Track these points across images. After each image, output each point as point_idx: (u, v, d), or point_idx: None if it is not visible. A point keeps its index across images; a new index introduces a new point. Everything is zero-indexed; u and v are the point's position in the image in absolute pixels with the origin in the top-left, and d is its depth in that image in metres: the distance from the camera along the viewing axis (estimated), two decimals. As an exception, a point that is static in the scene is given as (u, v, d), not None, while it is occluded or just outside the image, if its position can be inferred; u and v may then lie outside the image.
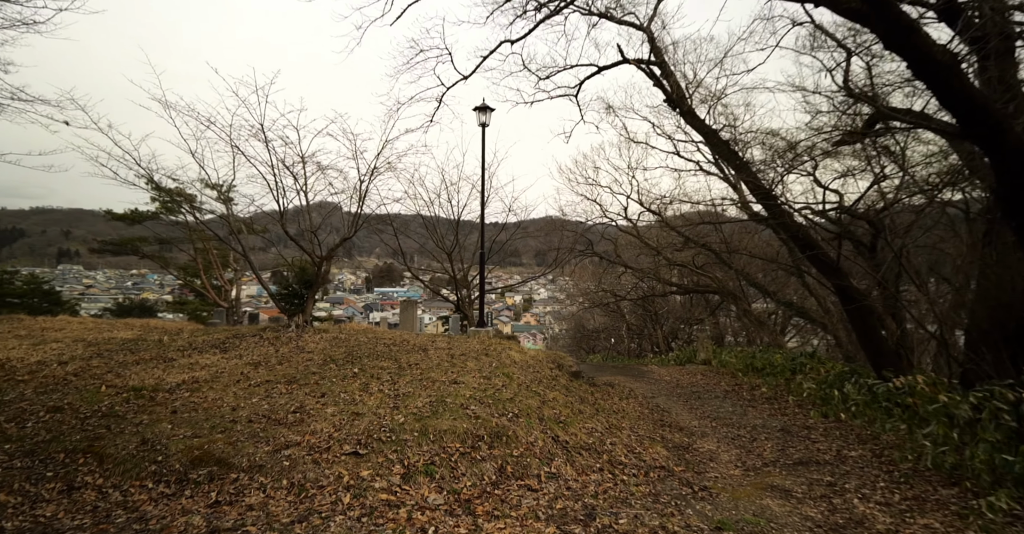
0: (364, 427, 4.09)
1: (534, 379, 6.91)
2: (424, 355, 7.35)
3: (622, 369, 14.69)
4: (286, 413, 4.34)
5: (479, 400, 5.09)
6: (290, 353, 6.77)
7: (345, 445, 3.77)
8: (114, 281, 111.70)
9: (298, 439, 3.79)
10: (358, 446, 3.80)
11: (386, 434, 4.02)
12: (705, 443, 6.72)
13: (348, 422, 4.20)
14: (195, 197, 13.48)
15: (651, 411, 8.69)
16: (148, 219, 19.38)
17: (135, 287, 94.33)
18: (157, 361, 5.89)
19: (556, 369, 9.54)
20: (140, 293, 64.53)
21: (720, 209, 13.76)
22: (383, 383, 5.59)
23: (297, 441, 3.75)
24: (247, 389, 4.95)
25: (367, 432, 4.01)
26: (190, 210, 11.76)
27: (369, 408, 4.61)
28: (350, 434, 3.96)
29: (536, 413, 5.19)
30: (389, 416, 4.39)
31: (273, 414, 4.30)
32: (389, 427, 4.14)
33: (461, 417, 4.53)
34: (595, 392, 9.10)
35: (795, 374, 10.22)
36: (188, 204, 13.00)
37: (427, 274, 16.33)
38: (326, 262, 8.57)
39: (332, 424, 4.13)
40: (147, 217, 19.61)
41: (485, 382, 5.88)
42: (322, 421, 4.20)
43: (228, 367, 5.83)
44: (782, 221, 7.94)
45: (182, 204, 15.06)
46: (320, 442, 3.79)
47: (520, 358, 8.15)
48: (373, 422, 4.22)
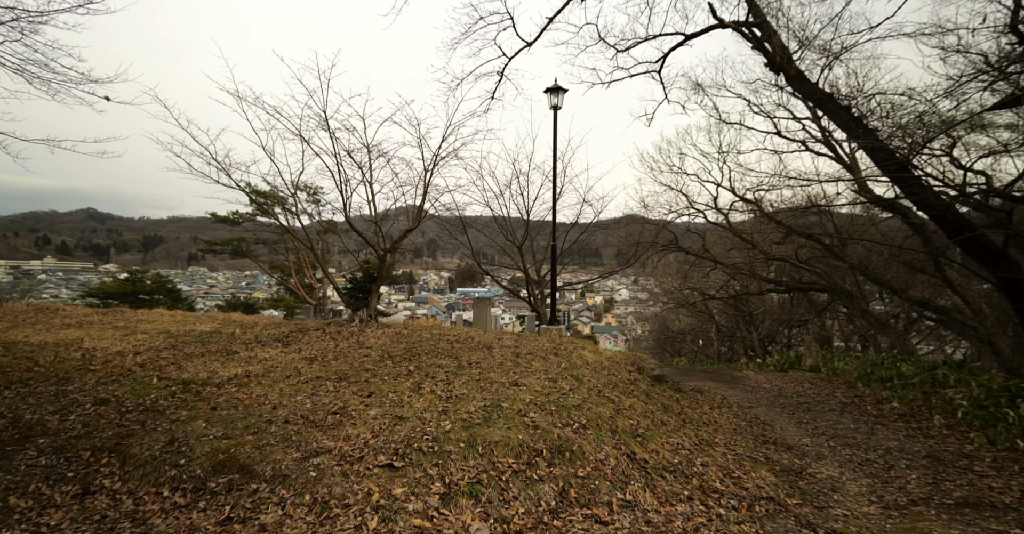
0: (405, 434, 3.56)
1: (608, 383, 6.08)
2: (487, 353, 6.79)
3: (712, 374, 13.24)
4: (326, 414, 3.93)
5: (541, 406, 4.39)
6: (348, 348, 6.50)
7: (380, 455, 3.25)
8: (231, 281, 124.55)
9: (331, 445, 3.33)
10: (395, 457, 3.26)
11: (428, 444, 3.45)
12: (823, 467, 5.50)
13: (389, 427, 3.70)
14: (286, 199, 14.12)
15: (749, 424, 7.47)
16: (246, 221, 20.82)
17: (248, 287, 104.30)
18: (221, 354, 5.84)
19: (635, 372, 8.58)
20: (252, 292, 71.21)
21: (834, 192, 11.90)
22: (437, 383, 5.07)
23: (329, 448, 3.29)
24: (295, 386, 4.65)
25: (407, 440, 3.47)
26: (283, 211, 12.21)
27: (415, 411, 4.09)
28: (388, 441, 3.44)
29: (608, 424, 4.39)
30: (435, 422, 3.83)
31: (313, 414, 3.90)
32: (433, 435, 3.56)
33: (517, 426, 3.86)
34: (681, 400, 8.03)
35: (936, 387, 8.41)
36: (280, 206, 13.63)
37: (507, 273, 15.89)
38: (390, 255, 8.32)
39: (371, 429, 3.64)
40: (246, 219, 21.07)
41: (550, 385, 5.17)
42: (361, 425, 3.73)
43: (284, 361, 5.63)
44: (922, 198, 6.37)
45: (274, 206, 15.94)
46: (354, 450, 3.30)
47: (593, 359, 7.33)
48: (416, 428, 3.67)
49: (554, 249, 9.91)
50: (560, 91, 9.81)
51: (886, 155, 6.45)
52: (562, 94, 9.92)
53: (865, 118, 6.66)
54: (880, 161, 6.66)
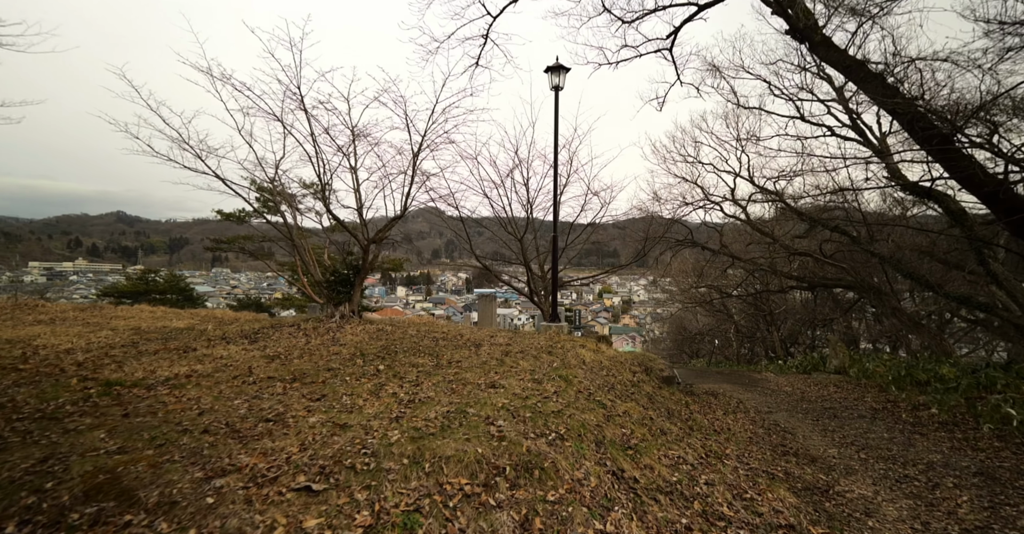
0: (340, 447, 2.95)
1: (603, 385, 5.39)
2: (473, 352, 6.17)
3: (729, 376, 12.39)
4: (258, 421, 3.34)
5: (514, 412, 3.74)
6: (320, 346, 5.95)
7: (301, 475, 2.64)
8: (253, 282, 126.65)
9: (245, 462, 2.73)
10: (318, 477, 2.65)
11: (364, 459, 2.83)
12: (853, 484, 4.73)
13: (324, 438, 3.09)
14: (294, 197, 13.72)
15: (768, 432, 6.70)
16: (248, 218, 20.59)
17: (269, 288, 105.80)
18: (177, 351, 5.33)
19: (641, 374, 7.86)
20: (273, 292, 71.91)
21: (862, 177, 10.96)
22: (403, 384, 4.46)
23: (241, 465, 2.69)
24: (238, 387, 4.08)
25: (339, 455, 2.85)
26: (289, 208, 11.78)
27: (363, 418, 3.48)
28: (316, 457, 2.83)
29: (593, 433, 3.71)
30: (382, 431, 3.21)
31: (242, 422, 3.32)
32: (373, 448, 2.95)
33: (480, 437, 3.22)
34: (691, 404, 7.28)
35: (981, 392, 7.50)
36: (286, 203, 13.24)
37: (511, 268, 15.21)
38: (375, 246, 7.76)
39: (302, 441, 3.04)
40: (247, 216, 20.84)
41: (532, 387, 4.51)
42: (293, 435, 3.12)
43: (241, 359, 5.09)
44: (969, 174, 5.52)
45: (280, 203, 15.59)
46: (271, 468, 2.70)
47: (592, 358, 6.65)
48: (355, 440, 3.06)
49: (555, 241, 9.24)
50: (561, 70, 9.14)
51: (926, 126, 5.63)
52: (563, 74, 9.24)
53: (901, 85, 5.85)
54: (919, 135, 5.83)
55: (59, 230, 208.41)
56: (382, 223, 8.19)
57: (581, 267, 16.79)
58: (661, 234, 14.31)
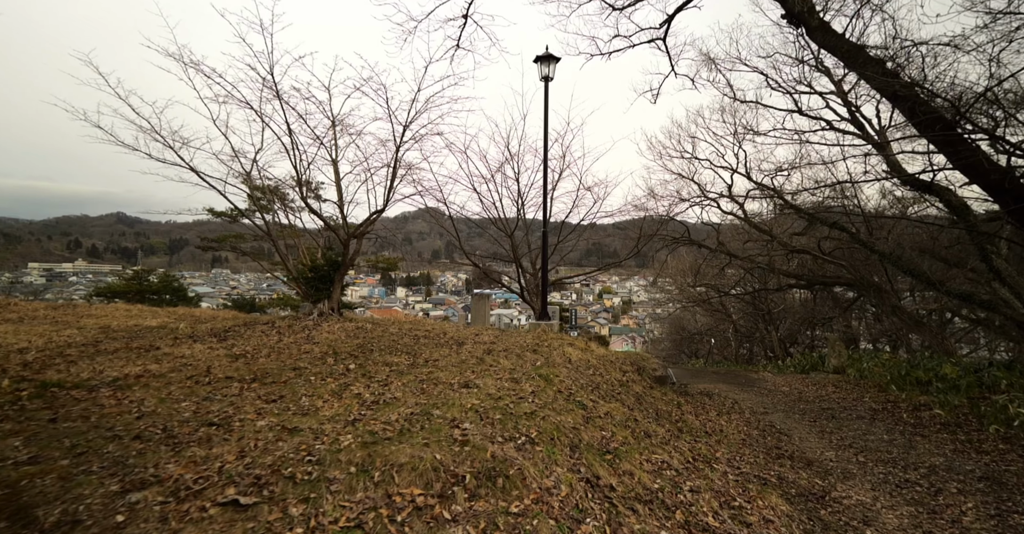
0: (282, 454, 2.67)
1: (587, 385, 5.11)
2: (454, 350, 5.89)
3: (725, 376, 12.11)
4: (200, 425, 3.06)
5: (483, 414, 3.46)
6: (291, 344, 5.67)
7: (231, 487, 2.36)
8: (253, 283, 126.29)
9: (172, 472, 2.45)
10: (251, 488, 2.37)
11: (307, 468, 2.55)
12: (851, 490, 4.46)
13: (267, 444, 2.81)
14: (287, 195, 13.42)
15: (762, 433, 6.42)
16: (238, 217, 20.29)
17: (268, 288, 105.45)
18: (137, 350, 5.05)
19: (633, 373, 7.59)
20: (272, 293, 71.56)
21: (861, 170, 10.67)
22: (371, 384, 4.19)
23: (166, 476, 2.41)
24: (190, 388, 3.80)
25: (279, 463, 2.57)
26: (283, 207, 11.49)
27: (317, 421, 3.20)
28: (253, 466, 2.55)
29: (569, 437, 3.43)
30: (334, 436, 2.94)
31: (182, 426, 3.04)
32: (319, 455, 2.67)
33: (441, 441, 2.94)
34: (683, 405, 7.01)
35: (985, 392, 7.22)
36: (280, 201, 12.94)
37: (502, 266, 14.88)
38: (356, 241, 7.47)
39: (242, 447, 2.75)
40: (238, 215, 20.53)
41: (509, 387, 4.23)
42: (234, 441, 2.84)
43: (204, 358, 4.81)
44: (973, 163, 5.23)
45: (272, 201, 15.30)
46: (199, 479, 2.42)
47: (579, 357, 6.37)
48: (302, 445, 2.78)
49: (544, 236, 8.96)
50: (551, 60, 8.87)
51: (928, 113, 5.35)
52: (553, 64, 8.97)
53: (902, 70, 5.57)
54: (921, 122, 5.55)
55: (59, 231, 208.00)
56: (382, 221, 7.91)
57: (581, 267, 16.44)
58: (655, 231, 14.00)
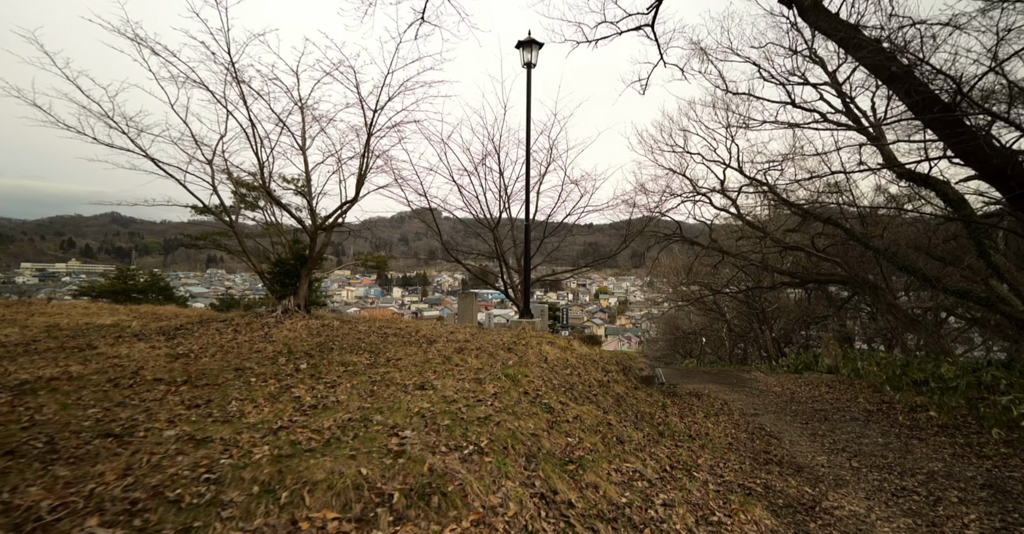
0: (176, 471, 2.28)
1: (560, 385, 4.74)
2: (423, 349, 5.51)
3: (717, 376, 11.77)
4: (96, 436, 2.67)
5: (430, 419, 3.08)
6: (244, 343, 5.28)
7: (94, 516, 1.97)
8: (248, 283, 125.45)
9: (29, 497, 2.05)
10: (122, 516, 1.98)
11: (198, 489, 2.16)
12: (844, 499, 4.10)
13: (164, 458, 2.42)
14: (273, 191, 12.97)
15: (751, 436, 6.07)
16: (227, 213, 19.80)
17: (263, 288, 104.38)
18: (71, 350, 4.66)
19: (617, 373, 7.23)
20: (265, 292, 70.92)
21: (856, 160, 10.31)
22: (317, 386, 3.81)
23: (16, 504, 2.01)
24: (106, 392, 3.41)
25: (169, 483, 2.19)
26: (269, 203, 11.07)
27: (236, 430, 2.82)
28: (135, 486, 2.16)
29: (526, 444, 3.06)
30: (246, 447, 2.56)
31: (73, 438, 2.63)
32: (220, 472, 2.28)
33: (373, 452, 2.56)
34: (668, 406, 6.65)
35: (984, 392, 6.89)
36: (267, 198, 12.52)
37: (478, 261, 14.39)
38: (325, 234, 7.09)
39: (132, 462, 2.36)
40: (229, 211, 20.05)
41: (470, 388, 3.86)
42: (127, 455, 2.45)
43: (140, 358, 4.42)
44: (973, 147, 4.89)
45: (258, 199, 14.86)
46: (58, 505, 2.01)
47: (557, 356, 6.00)
48: (204, 460, 2.40)
49: (527, 229, 8.58)
50: (534, 45, 8.50)
51: (926, 95, 5.01)
52: (536, 49, 8.61)
53: (900, 52, 5.23)
54: (918, 102, 5.21)
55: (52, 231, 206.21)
56: (378, 221, 7.55)
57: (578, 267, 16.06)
58: (643, 226, 13.63)
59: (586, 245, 17.60)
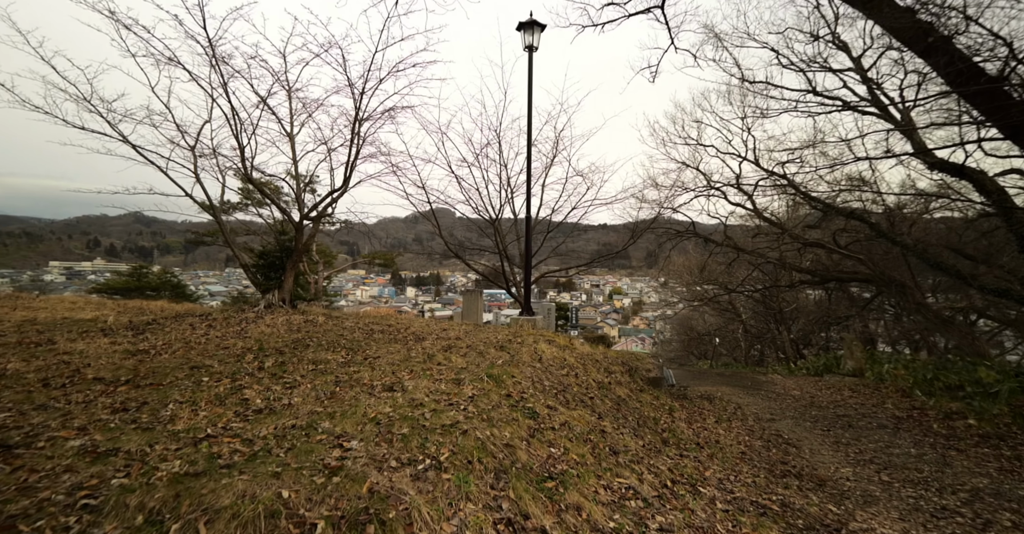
0: (47, 496, 1.88)
1: (551, 387, 4.28)
2: (407, 347, 5.10)
3: (731, 377, 11.17)
4: None
5: (387, 426, 2.66)
6: (214, 338, 4.92)
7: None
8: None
9: None
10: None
11: (66, 519, 1.77)
12: (875, 520, 3.58)
13: (43, 478, 2.03)
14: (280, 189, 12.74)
15: (766, 444, 5.54)
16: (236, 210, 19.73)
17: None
18: (26, 346, 4.34)
19: (622, 374, 6.74)
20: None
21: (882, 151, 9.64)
22: (273, 386, 3.41)
23: None
24: (28, 393, 3.04)
25: (31, 511, 1.81)
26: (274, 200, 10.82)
27: (151, 439, 2.43)
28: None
29: (497, 457, 2.61)
30: (153, 462, 2.16)
31: None
32: (103, 497, 1.88)
33: (303, 468, 2.14)
34: (676, 410, 6.14)
35: (1029, 398, 6.25)
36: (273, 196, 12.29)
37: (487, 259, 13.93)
38: (313, 224, 6.73)
39: (2, 483, 1.97)
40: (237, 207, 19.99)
41: (445, 390, 3.43)
42: (5, 472, 2.06)
43: (91, 355, 4.08)
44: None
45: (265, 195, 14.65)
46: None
47: (554, 355, 5.54)
48: (92, 479, 2.00)
49: (528, 221, 8.12)
50: (536, 27, 8.05)
51: (968, 66, 4.44)
52: (538, 31, 8.15)
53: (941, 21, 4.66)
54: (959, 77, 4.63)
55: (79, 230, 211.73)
56: (392, 221, 7.19)
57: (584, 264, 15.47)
58: (654, 219, 13.05)
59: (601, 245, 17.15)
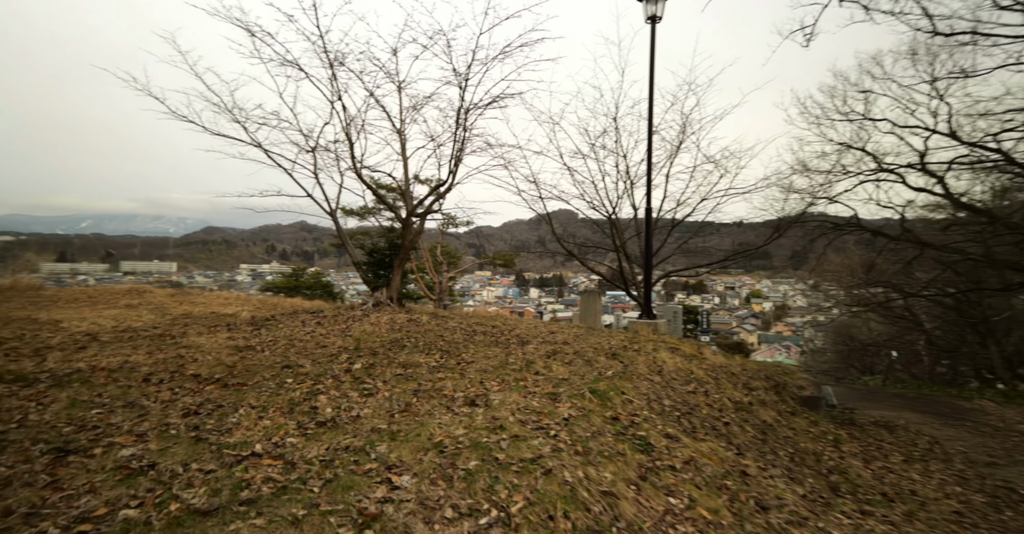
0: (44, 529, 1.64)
1: (672, 408, 3.42)
2: (507, 351, 4.61)
3: (915, 401, 8.90)
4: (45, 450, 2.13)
5: (451, 456, 2.13)
6: (319, 336, 4.91)
7: None
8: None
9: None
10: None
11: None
12: None
13: (63, 499, 1.82)
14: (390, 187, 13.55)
15: (992, 502, 4.01)
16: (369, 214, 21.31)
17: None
18: (161, 339, 4.69)
19: (766, 392, 5.54)
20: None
21: None
22: (350, 393, 3.11)
23: None
24: (128, 390, 3.06)
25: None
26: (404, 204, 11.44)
27: (193, 455, 2.18)
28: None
29: (591, 512, 1.92)
30: (176, 488, 1.87)
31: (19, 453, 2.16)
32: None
33: (330, 515, 1.69)
34: (844, 441, 4.83)
35: None
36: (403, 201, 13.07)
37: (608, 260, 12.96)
38: (420, 220, 6.60)
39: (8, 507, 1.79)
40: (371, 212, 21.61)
41: (538, 407, 2.82)
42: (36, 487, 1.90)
43: (207, 349, 4.23)
44: None
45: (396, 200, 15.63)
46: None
47: (678, 366, 4.62)
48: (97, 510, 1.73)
49: (648, 213, 7.18)
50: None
51: None
52: (662, 0, 7.20)
53: None
54: None
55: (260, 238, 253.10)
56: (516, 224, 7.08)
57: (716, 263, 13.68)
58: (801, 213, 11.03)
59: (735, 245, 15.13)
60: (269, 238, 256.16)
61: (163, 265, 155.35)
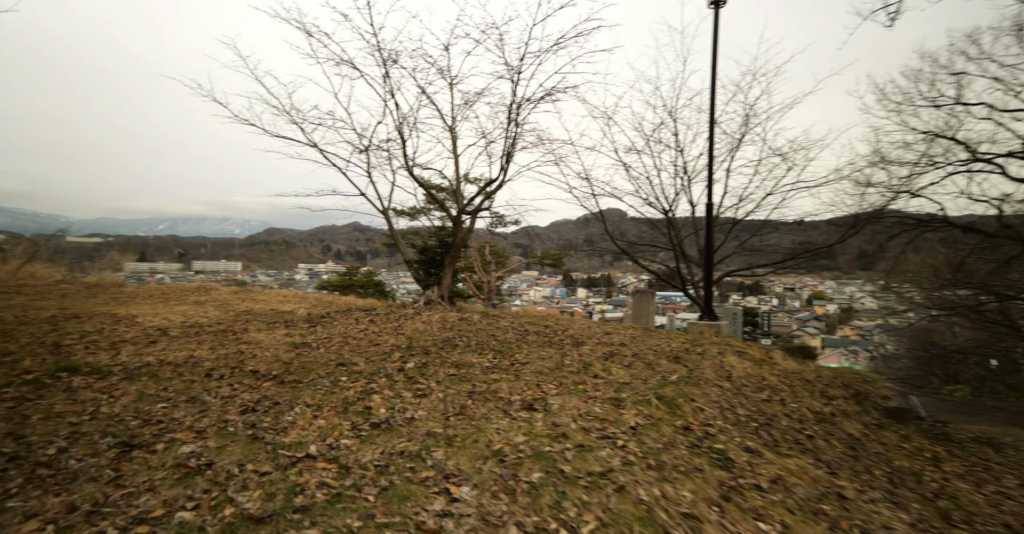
0: None
1: (748, 417, 3.11)
2: (562, 352, 4.42)
3: (1020, 415, 7.93)
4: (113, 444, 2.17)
5: (512, 466, 1.96)
6: (373, 333, 4.89)
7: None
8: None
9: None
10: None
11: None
12: None
13: (113, 497, 1.80)
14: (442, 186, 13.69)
15: None
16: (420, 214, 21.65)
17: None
18: (223, 334, 4.81)
19: (846, 401, 5.06)
20: (462, 286, 79.31)
21: None
22: (403, 393, 3.02)
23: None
24: (191, 385, 3.09)
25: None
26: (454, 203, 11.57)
27: (248, 454, 2.13)
28: None
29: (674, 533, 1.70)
30: (231, 491, 1.81)
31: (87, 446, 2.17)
32: None
33: (387, 529, 1.56)
34: (944, 459, 4.30)
35: None
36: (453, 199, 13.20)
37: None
38: (471, 218, 6.52)
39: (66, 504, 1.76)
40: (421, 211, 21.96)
41: (601, 413, 2.61)
42: (102, 483, 1.89)
43: (265, 344, 4.29)
44: None
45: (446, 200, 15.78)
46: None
47: (747, 371, 4.26)
48: (153, 511, 1.69)
49: (709, 208, 6.78)
50: (719, -25, 6.69)
51: None
52: (724, -18, 6.77)
53: None
54: None
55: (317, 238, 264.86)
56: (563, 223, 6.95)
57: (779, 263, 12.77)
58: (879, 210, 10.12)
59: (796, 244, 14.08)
60: (325, 239, 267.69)
61: (229, 264, 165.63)
